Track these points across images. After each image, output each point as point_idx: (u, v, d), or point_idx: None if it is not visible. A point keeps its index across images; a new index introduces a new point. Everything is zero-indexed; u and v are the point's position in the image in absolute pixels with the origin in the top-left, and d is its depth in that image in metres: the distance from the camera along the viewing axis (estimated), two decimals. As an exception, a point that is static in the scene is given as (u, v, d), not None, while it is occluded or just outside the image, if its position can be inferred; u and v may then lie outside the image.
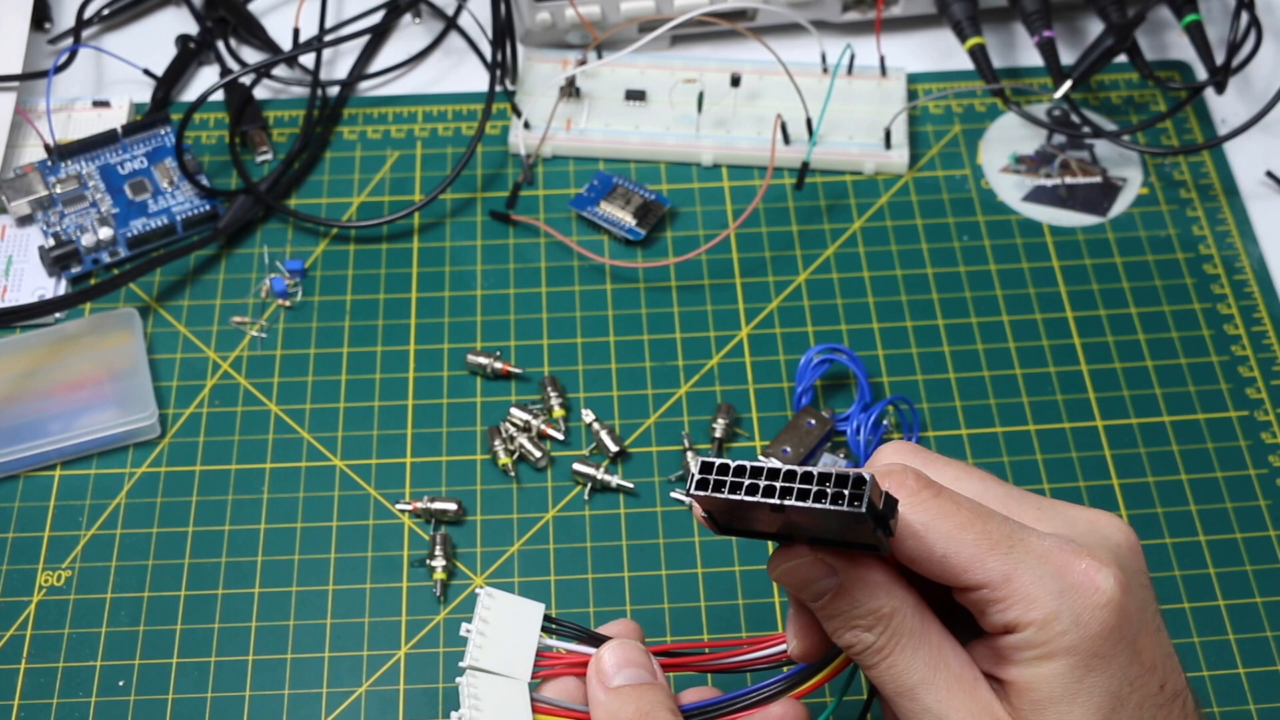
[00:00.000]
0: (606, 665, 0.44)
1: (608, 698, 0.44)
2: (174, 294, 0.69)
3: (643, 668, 0.44)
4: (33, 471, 0.63)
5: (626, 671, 0.44)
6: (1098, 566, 0.39)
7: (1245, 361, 0.66)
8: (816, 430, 0.62)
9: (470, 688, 0.45)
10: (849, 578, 0.40)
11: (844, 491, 0.36)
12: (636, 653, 0.45)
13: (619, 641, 0.45)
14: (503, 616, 0.46)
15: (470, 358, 0.66)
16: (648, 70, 0.76)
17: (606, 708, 0.43)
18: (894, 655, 0.40)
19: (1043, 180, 0.73)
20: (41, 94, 0.74)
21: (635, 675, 0.44)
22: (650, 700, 0.43)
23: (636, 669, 0.44)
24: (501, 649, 0.46)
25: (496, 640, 0.46)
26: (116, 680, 0.58)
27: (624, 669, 0.44)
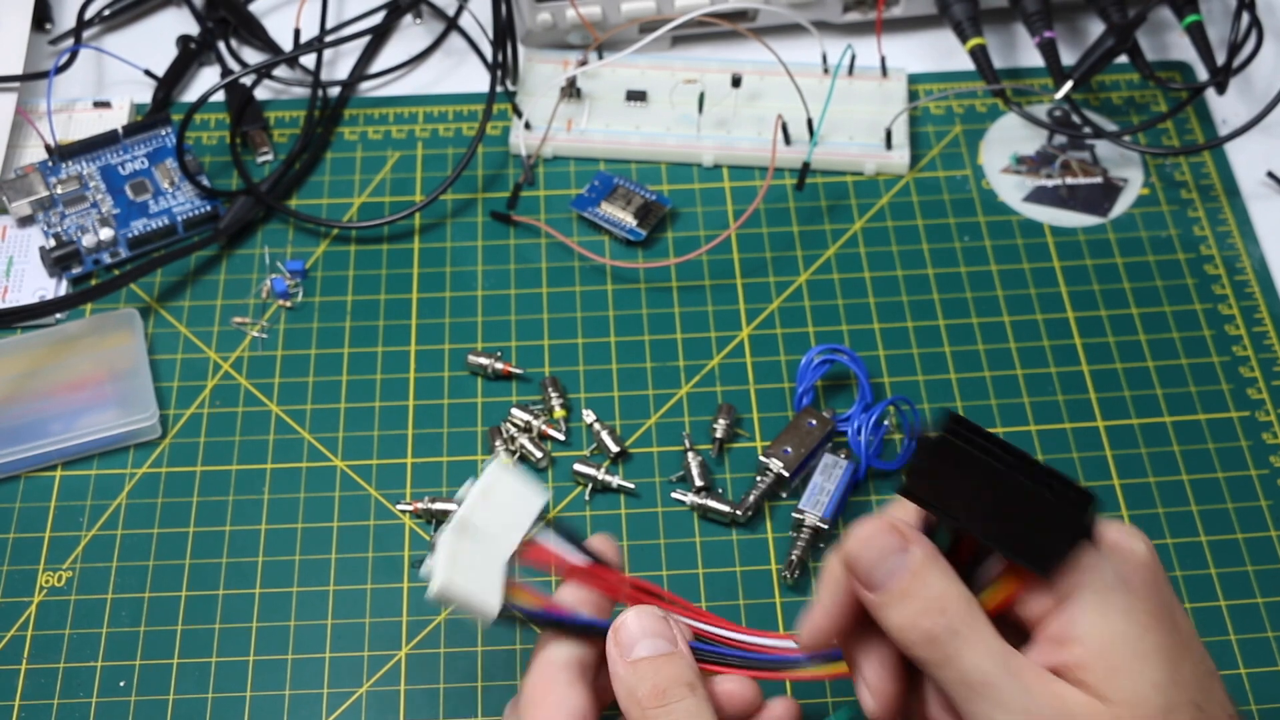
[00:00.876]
0: (625, 637, 0.44)
1: (626, 671, 0.43)
2: (175, 294, 0.69)
3: (663, 637, 0.44)
4: (33, 472, 0.63)
5: (646, 643, 0.43)
6: (1129, 532, 0.40)
7: (1246, 362, 0.66)
8: (817, 431, 0.62)
9: (448, 545, 0.44)
10: (927, 555, 0.40)
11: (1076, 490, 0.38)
12: (656, 621, 0.44)
13: (640, 610, 0.44)
14: (506, 492, 0.46)
15: (471, 358, 0.66)
16: (648, 71, 0.76)
17: (625, 682, 0.43)
18: (966, 646, 0.38)
19: (1044, 181, 0.73)
20: (42, 94, 0.74)
21: (655, 646, 0.43)
22: (669, 675, 0.43)
23: (656, 639, 0.43)
24: (493, 519, 0.45)
25: (492, 509, 0.45)
26: (117, 681, 0.58)
27: (643, 640, 0.43)
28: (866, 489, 0.62)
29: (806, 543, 0.60)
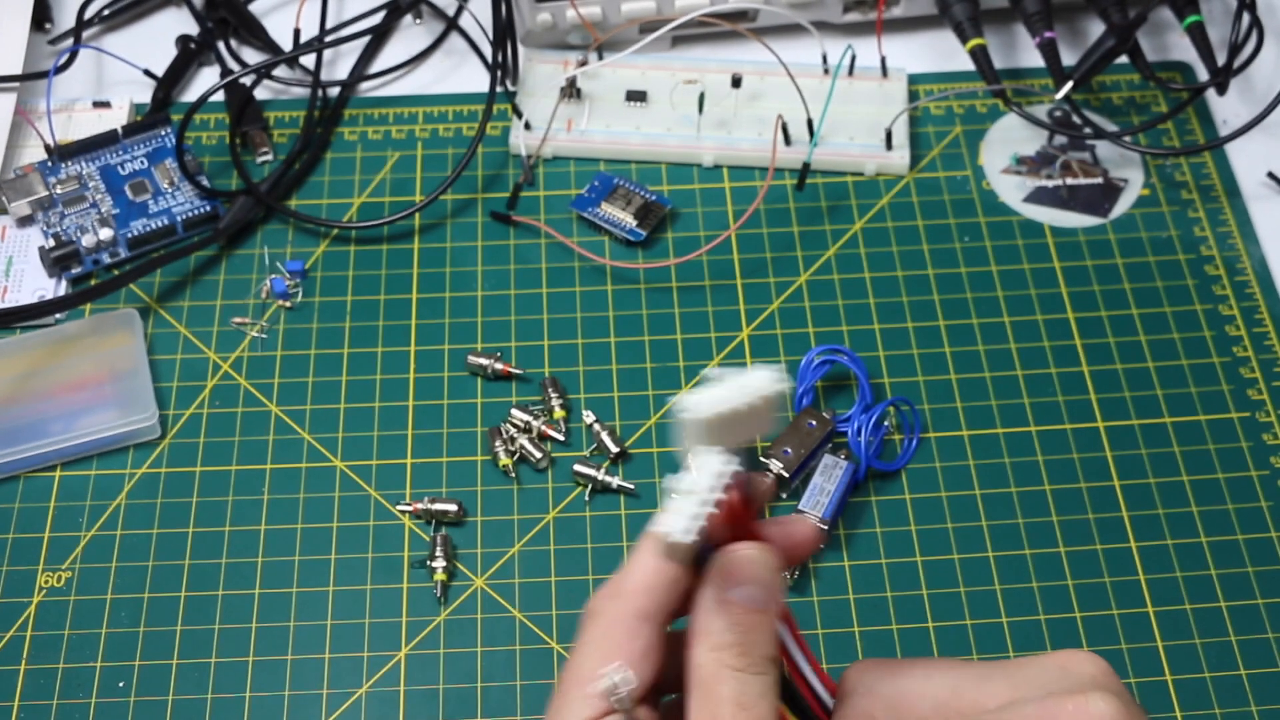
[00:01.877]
0: (735, 569, 0.39)
1: (718, 609, 0.39)
2: (174, 295, 0.69)
3: (768, 590, 0.39)
4: (33, 472, 0.63)
5: (752, 589, 0.39)
6: (1084, 700, 0.39)
7: (1247, 363, 0.66)
8: (817, 431, 0.62)
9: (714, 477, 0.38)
10: None
11: None
12: (769, 572, 0.40)
13: (755, 550, 0.40)
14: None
15: (471, 359, 0.66)
16: (649, 71, 0.76)
17: (711, 619, 0.39)
18: None
19: (1044, 181, 0.73)
20: (42, 94, 0.74)
21: (756, 598, 0.39)
22: (756, 635, 0.39)
23: (762, 591, 0.39)
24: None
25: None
26: (117, 681, 0.58)
27: (752, 585, 0.39)
28: (866, 490, 0.62)
29: (806, 543, 0.60)
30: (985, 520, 0.62)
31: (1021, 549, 0.61)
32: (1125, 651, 0.58)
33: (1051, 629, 0.59)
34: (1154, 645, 0.58)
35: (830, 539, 0.61)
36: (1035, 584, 0.60)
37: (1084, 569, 0.60)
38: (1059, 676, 0.40)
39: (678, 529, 0.37)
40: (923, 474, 0.63)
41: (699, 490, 0.37)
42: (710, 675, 0.39)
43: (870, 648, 0.58)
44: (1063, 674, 0.40)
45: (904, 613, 0.59)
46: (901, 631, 0.58)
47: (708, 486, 0.37)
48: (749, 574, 0.39)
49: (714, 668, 0.39)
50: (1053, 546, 0.61)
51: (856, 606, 0.59)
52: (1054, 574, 0.60)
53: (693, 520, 0.37)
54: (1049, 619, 0.59)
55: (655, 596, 0.40)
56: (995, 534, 0.61)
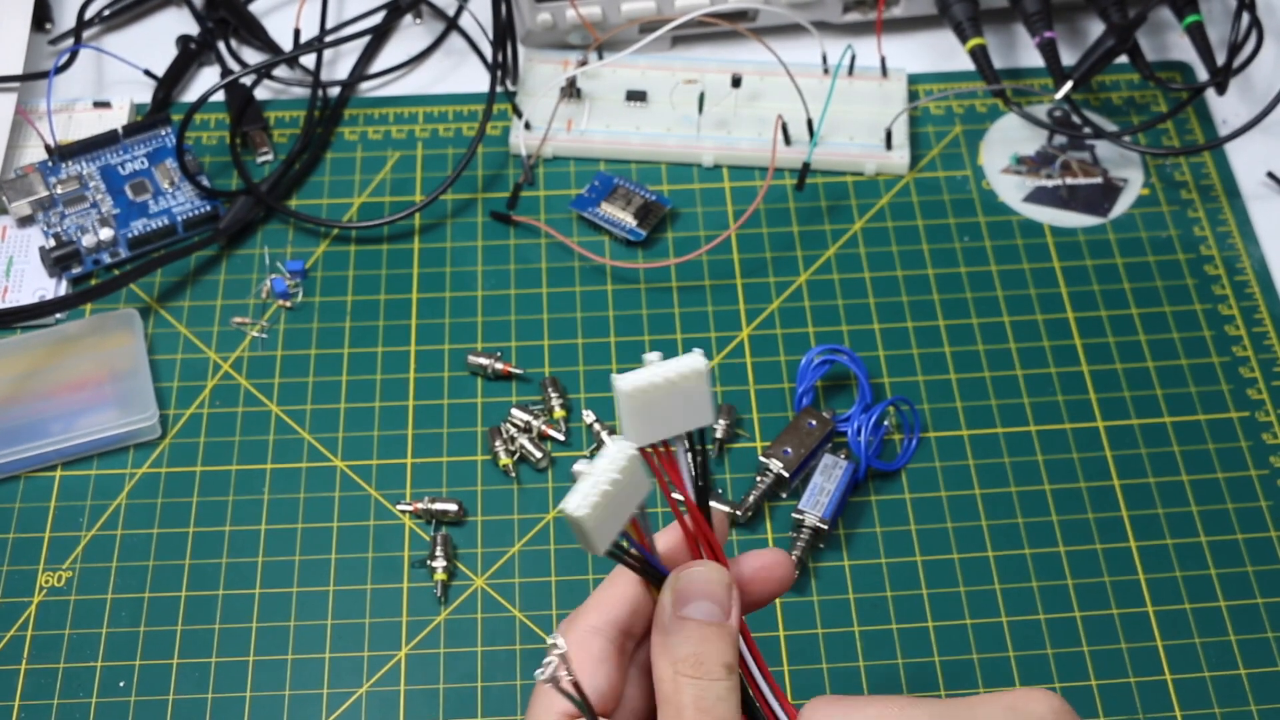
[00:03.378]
0: (685, 587, 0.41)
1: (673, 625, 0.41)
2: (175, 295, 0.69)
3: (720, 605, 0.41)
4: (33, 472, 0.63)
5: (703, 604, 0.41)
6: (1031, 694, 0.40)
7: (1246, 362, 0.66)
8: (817, 431, 0.62)
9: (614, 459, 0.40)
10: None
11: None
12: (721, 586, 0.42)
13: (711, 566, 0.42)
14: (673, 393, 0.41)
15: (471, 358, 0.66)
16: (649, 71, 0.76)
17: (668, 636, 0.41)
18: None
19: (1044, 181, 0.73)
20: (42, 95, 0.74)
21: (709, 611, 0.41)
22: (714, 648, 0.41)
23: (714, 605, 0.41)
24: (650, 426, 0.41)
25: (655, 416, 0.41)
26: (117, 681, 0.58)
27: (702, 600, 0.41)
28: (866, 489, 0.62)
29: (806, 543, 0.60)
30: (985, 520, 0.62)
31: (1021, 549, 0.61)
32: (1125, 651, 0.58)
33: (1051, 629, 0.59)
34: (1154, 645, 0.58)
35: (830, 539, 0.61)
36: (1035, 584, 0.60)
37: (1084, 568, 0.60)
38: (1009, 717, 0.40)
39: (571, 504, 0.38)
40: (922, 474, 0.63)
41: (595, 471, 0.39)
42: (670, 686, 0.40)
43: (870, 647, 0.58)
44: (1012, 714, 0.40)
45: (903, 612, 0.59)
46: (901, 631, 0.58)
47: (604, 468, 0.39)
48: (701, 590, 0.41)
49: (673, 679, 0.40)
50: (1052, 546, 0.61)
51: (856, 606, 0.59)
52: (1054, 574, 0.60)
53: (585, 498, 0.38)
54: (1049, 619, 0.59)
55: (606, 613, 0.43)
56: (995, 534, 0.61)
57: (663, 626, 0.41)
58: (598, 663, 0.42)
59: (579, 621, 0.43)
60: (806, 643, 0.58)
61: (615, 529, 0.40)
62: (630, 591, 0.43)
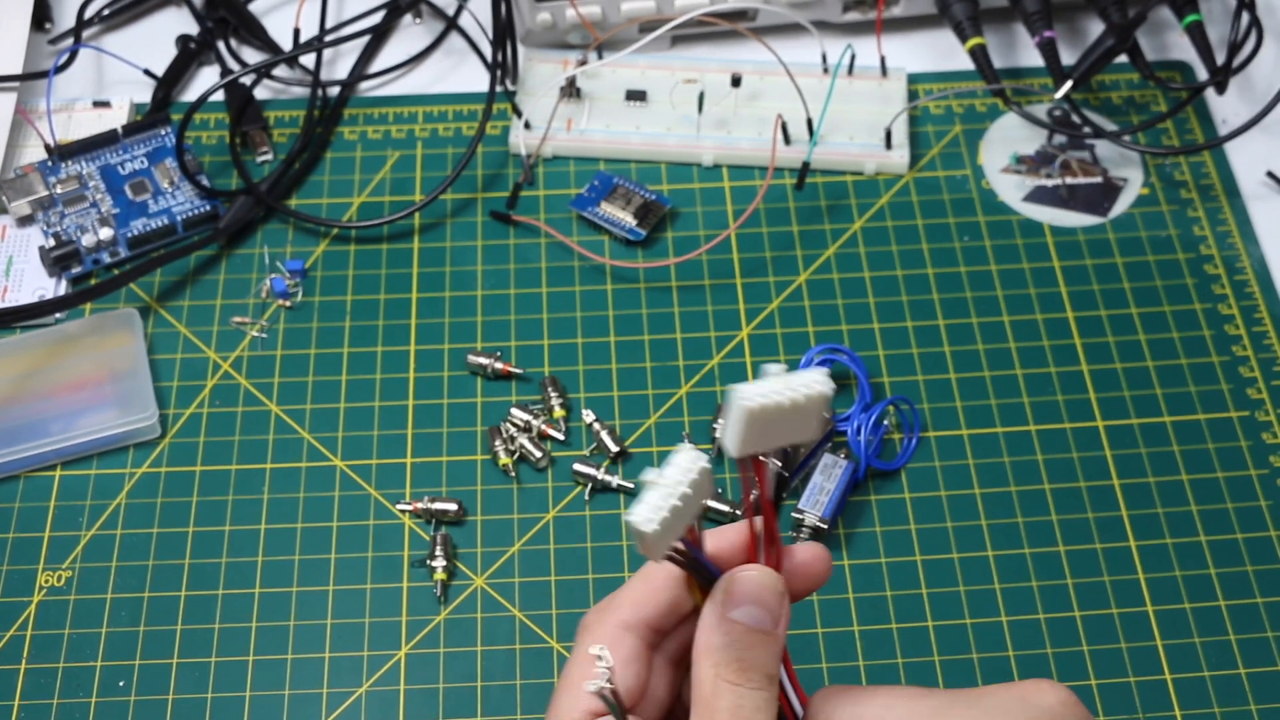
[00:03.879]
0: (738, 590, 0.40)
1: (720, 626, 0.40)
2: (174, 294, 0.69)
3: (771, 612, 0.41)
4: (33, 472, 0.63)
5: (754, 609, 0.40)
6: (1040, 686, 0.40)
7: (1246, 362, 0.66)
8: (817, 430, 0.62)
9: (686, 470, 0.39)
10: None
11: None
12: (774, 593, 0.41)
13: (766, 572, 0.41)
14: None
15: (471, 358, 0.66)
16: (648, 70, 0.76)
17: (713, 636, 0.40)
18: None
19: (1043, 180, 0.73)
20: (42, 94, 0.74)
21: (759, 618, 0.40)
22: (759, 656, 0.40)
23: (765, 611, 0.40)
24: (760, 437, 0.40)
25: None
26: (117, 681, 0.58)
27: (753, 605, 0.40)
28: (866, 489, 0.62)
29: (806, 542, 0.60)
30: (985, 519, 0.62)
31: (1021, 548, 0.61)
32: (1125, 650, 0.58)
33: (1051, 628, 0.59)
34: (1153, 644, 0.58)
35: (830, 538, 0.61)
36: (1035, 583, 0.60)
37: (1083, 568, 0.60)
38: (1017, 708, 0.40)
39: (639, 517, 0.37)
40: (922, 473, 0.63)
41: (666, 482, 0.38)
42: (709, 689, 0.40)
43: (870, 647, 0.58)
44: (1021, 705, 0.40)
45: (903, 612, 0.59)
46: (901, 630, 0.58)
47: (675, 480, 0.38)
48: (751, 594, 0.40)
49: (713, 682, 0.40)
50: (1052, 545, 0.61)
51: (856, 605, 0.59)
52: (1053, 573, 0.60)
53: (654, 510, 0.37)
54: (1048, 618, 0.59)
55: (640, 610, 0.42)
56: (995, 533, 0.61)
57: (710, 626, 0.40)
58: (628, 661, 0.42)
59: (609, 616, 0.42)
60: (806, 642, 0.58)
61: (674, 536, 0.39)
62: (663, 589, 0.42)
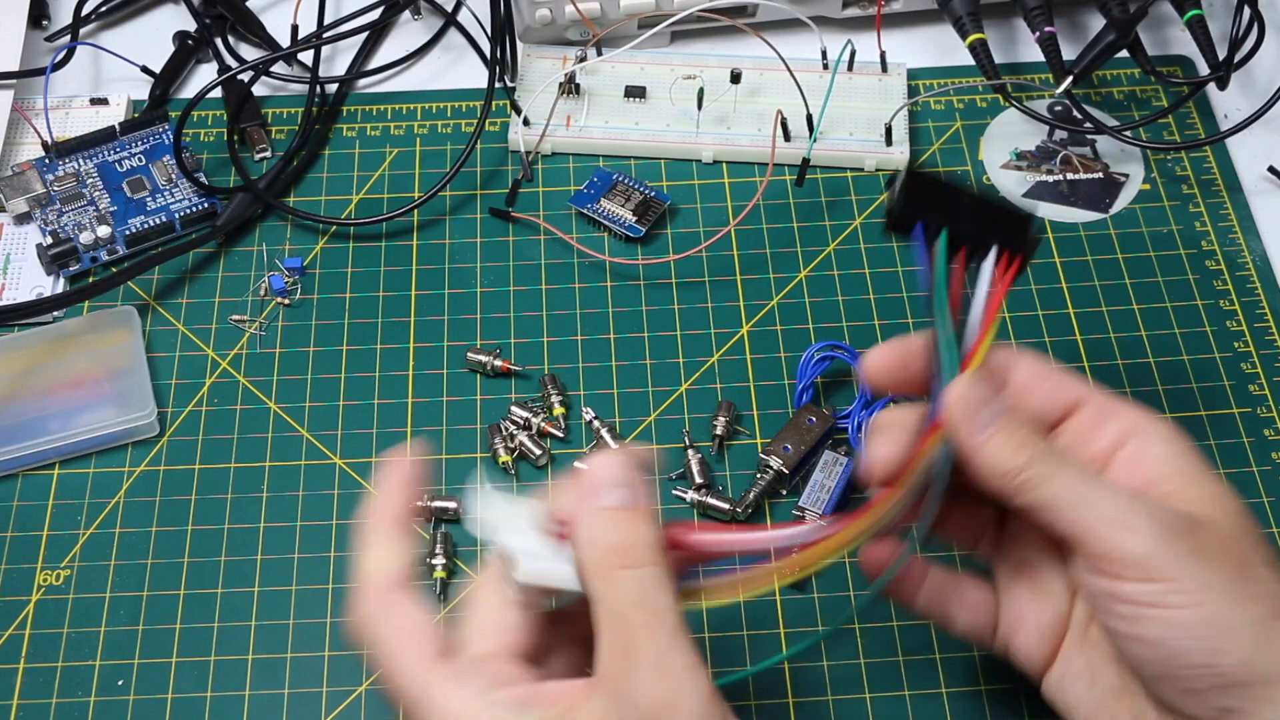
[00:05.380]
0: (590, 479, 0.40)
1: (592, 519, 0.40)
2: (173, 292, 0.69)
3: (630, 487, 0.40)
4: (31, 470, 0.63)
5: (616, 491, 0.40)
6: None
7: (1248, 358, 0.66)
8: (818, 428, 0.62)
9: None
10: (1006, 398, 0.44)
11: None
12: (625, 469, 0.40)
13: (606, 457, 0.40)
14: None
15: (470, 355, 0.66)
16: (648, 67, 0.76)
17: (589, 530, 0.39)
18: (1059, 465, 0.42)
19: (1044, 176, 0.73)
20: (39, 91, 0.73)
21: (623, 497, 0.40)
22: (636, 532, 0.39)
23: (624, 490, 0.40)
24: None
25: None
26: (116, 679, 0.57)
27: (613, 489, 0.40)
28: (867, 486, 0.62)
29: (807, 540, 0.59)
30: (986, 516, 0.61)
31: (1022, 545, 0.61)
32: (1126, 647, 0.58)
33: (1052, 625, 0.58)
34: (1155, 641, 0.58)
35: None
36: (1036, 580, 0.60)
37: (1085, 565, 0.60)
38: None
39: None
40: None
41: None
42: (603, 583, 0.39)
43: (870, 645, 0.58)
44: None
45: (904, 610, 0.59)
46: (902, 628, 0.58)
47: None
48: (608, 478, 0.40)
49: (605, 574, 0.39)
50: (1054, 542, 0.61)
51: (857, 604, 0.59)
52: (1055, 570, 0.60)
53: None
54: (1050, 615, 0.59)
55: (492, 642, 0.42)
56: (996, 530, 0.61)
57: (584, 522, 0.40)
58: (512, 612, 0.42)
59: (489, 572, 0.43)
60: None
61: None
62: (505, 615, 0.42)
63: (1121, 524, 0.42)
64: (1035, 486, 0.42)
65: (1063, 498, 0.42)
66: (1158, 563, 0.41)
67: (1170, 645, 0.41)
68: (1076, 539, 0.42)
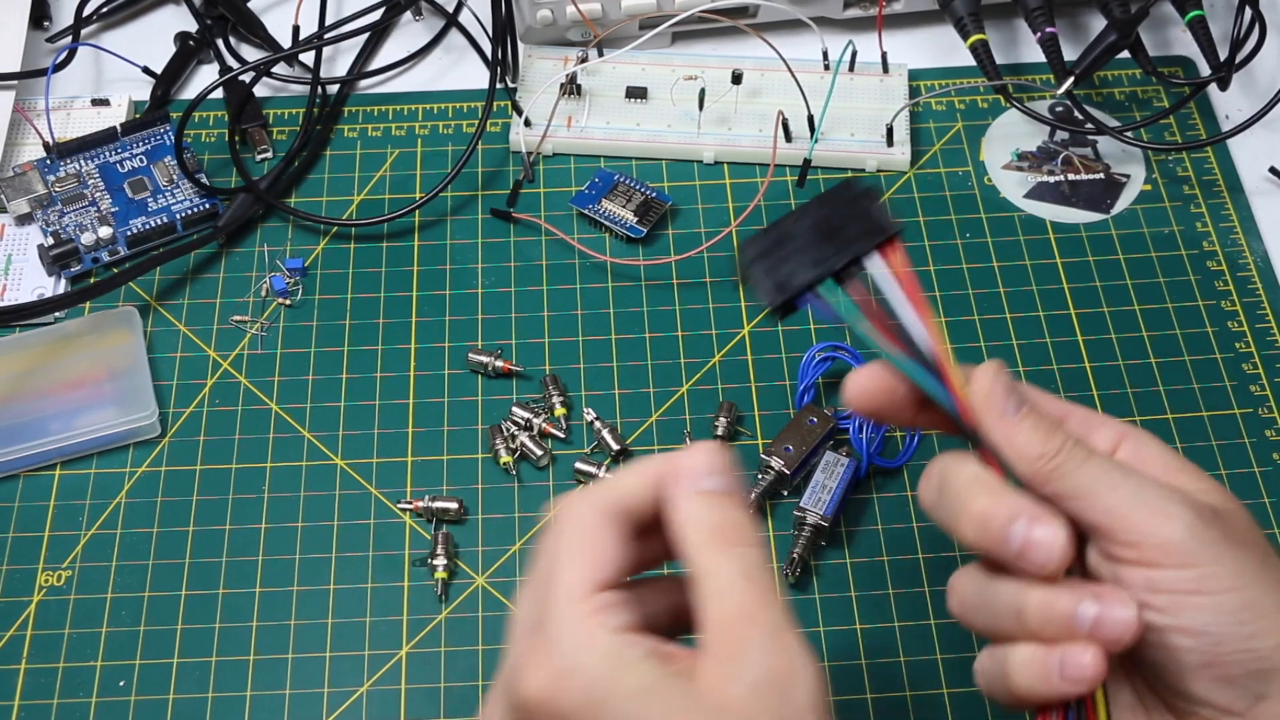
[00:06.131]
0: (694, 465, 0.41)
1: (699, 499, 0.40)
2: (174, 293, 0.69)
3: (730, 477, 0.41)
4: (32, 471, 0.63)
5: (717, 479, 0.41)
6: None
7: (1249, 358, 0.66)
8: (819, 428, 0.62)
9: None
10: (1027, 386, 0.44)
11: None
12: (723, 460, 0.41)
13: (705, 447, 0.41)
14: None
15: (471, 356, 0.66)
16: (649, 67, 0.76)
17: (696, 508, 0.40)
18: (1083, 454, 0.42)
19: (1045, 177, 0.73)
20: (40, 92, 0.73)
21: (725, 484, 0.41)
22: (740, 515, 0.40)
23: (725, 477, 0.41)
24: None
25: None
26: (117, 680, 0.57)
27: (715, 475, 0.41)
28: (868, 487, 0.62)
29: (808, 540, 0.59)
30: (987, 517, 0.61)
31: (1024, 546, 0.61)
32: (1128, 648, 0.58)
33: (1054, 626, 0.58)
34: (1157, 642, 0.58)
35: (832, 536, 0.60)
36: (1037, 581, 0.60)
37: (1086, 566, 0.60)
38: None
39: None
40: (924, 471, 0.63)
41: None
42: (712, 557, 0.40)
43: (871, 645, 0.58)
44: None
45: (905, 610, 0.59)
46: (903, 629, 0.58)
47: None
48: (707, 465, 0.41)
49: (713, 549, 0.40)
50: (1055, 543, 0.61)
51: (858, 604, 0.59)
52: (1056, 571, 0.60)
53: None
54: (1051, 616, 0.59)
55: (623, 499, 0.41)
56: (997, 531, 0.61)
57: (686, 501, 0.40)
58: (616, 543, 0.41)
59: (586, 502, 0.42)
60: (808, 641, 0.58)
61: None
62: (646, 481, 0.42)
63: (1158, 510, 0.41)
64: (1068, 473, 0.42)
65: (1099, 483, 0.42)
66: (1195, 548, 0.41)
67: (1213, 632, 0.41)
68: (1109, 526, 0.42)
